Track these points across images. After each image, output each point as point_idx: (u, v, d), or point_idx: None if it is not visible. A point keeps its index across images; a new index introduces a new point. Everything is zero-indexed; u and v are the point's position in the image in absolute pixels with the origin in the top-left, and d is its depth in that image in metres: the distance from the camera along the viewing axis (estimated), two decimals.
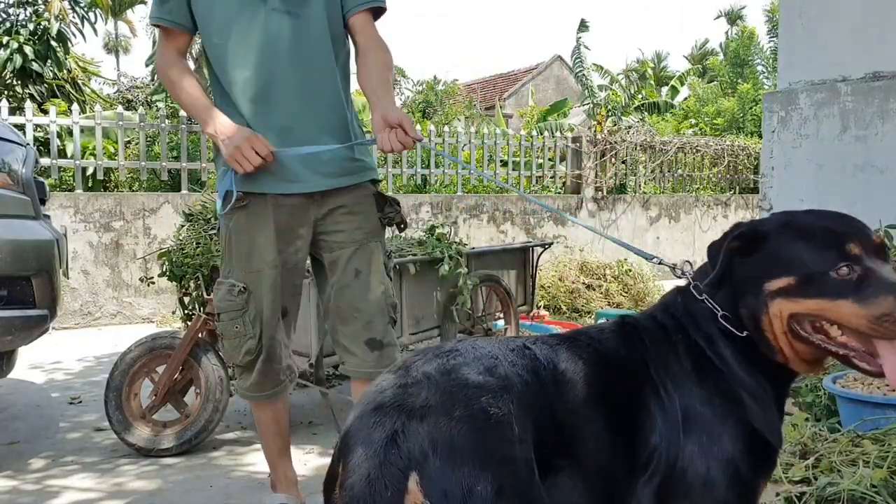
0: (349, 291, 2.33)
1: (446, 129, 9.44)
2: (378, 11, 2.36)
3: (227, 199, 2.26)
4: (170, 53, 2.33)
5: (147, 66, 16.52)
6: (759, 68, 21.90)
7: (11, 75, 10.37)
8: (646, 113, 18.26)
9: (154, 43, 15.49)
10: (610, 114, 16.43)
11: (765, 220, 1.46)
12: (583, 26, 18.07)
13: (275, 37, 2.22)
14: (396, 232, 2.69)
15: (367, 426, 1.17)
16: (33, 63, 10.29)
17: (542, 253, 5.11)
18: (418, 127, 9.00)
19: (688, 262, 1.80)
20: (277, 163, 2.23)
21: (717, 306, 1.45)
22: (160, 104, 11.29)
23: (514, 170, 9.48)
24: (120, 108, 7.72)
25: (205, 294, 3.50)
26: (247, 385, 2.39)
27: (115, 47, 37.74)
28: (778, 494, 2.15)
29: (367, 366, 2.34)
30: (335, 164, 2.32)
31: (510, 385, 1.25)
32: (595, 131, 10.38)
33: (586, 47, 18.76)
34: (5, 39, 10.28)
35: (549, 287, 7.00)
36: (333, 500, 1.20)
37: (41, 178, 3.41)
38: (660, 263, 1.82)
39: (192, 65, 12.06)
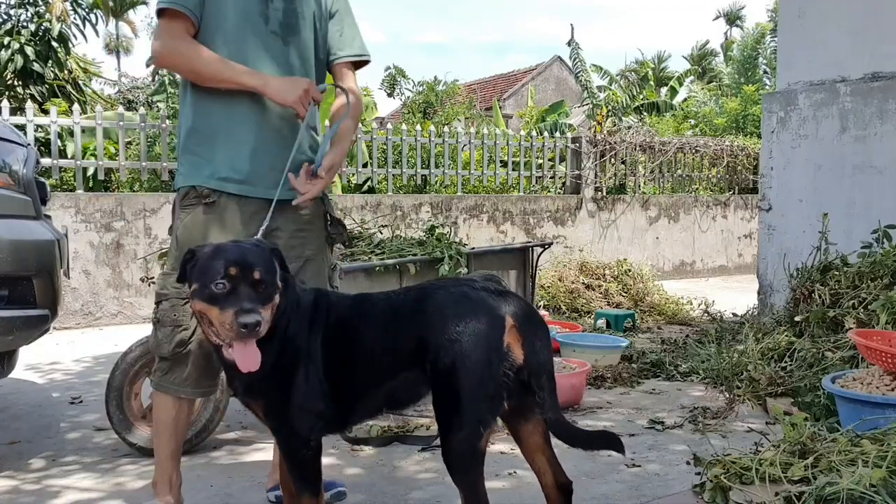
0: None
1: (446, 129, 9.45)
2: (361, 63, 2.63)
3: (189, 194, 2.38)
4: (179, 33, 2.32)
5: (148, 66, 16.52)
6: (763, 69, 21.90)
7: (12, 76, 10.38)
8: (645, 113, 18.26)
9: None
10: (610, 114, 16.43)
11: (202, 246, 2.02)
12: (572, 40, 18.30)
13: (272, 55, 2.40)
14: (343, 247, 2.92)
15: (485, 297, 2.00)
16: (34, 64, 10.30)
17: (541, 253, 5.11)
18: (419, 128, 9.01)
19: None
20: (248, 167, 2.39)
21: None
22: (161, 104, 11.30)
23: (513, 170, 9.49)
24: (121, 109, 7.73)
25: None
26: (182, 378, 2.40)
27: (116, 48, 37.78)
28: (777, 494, 2.16)
29: None
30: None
31: None
32: (595, 132, 10.37)
33: (580, 48, 18.83)
34: (6, 40, 10.29)
35: (548, 287, 7.01)
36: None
37: (42, 179, 3.41)
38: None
39: None
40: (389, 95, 21.43)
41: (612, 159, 9.98)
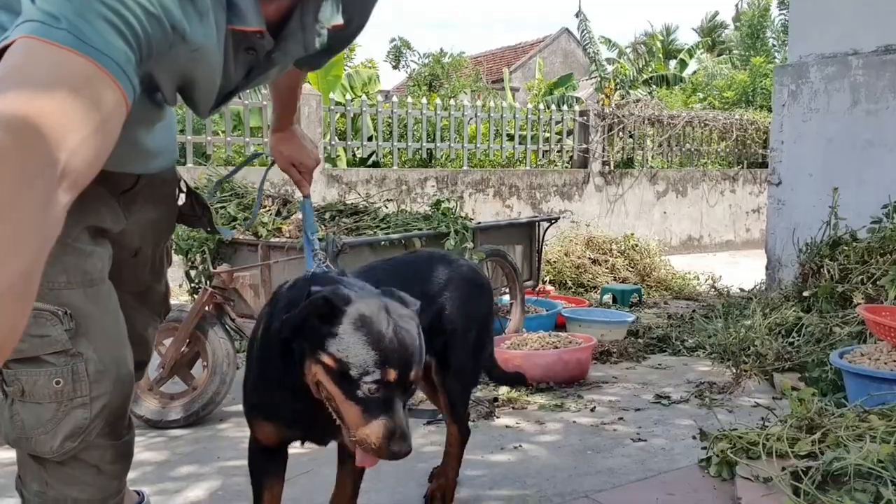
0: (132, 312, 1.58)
1: (452, 102, 9.38)
2: None
3: None
4: None
5: None
6: (771, 42, 21.68)
7: None
8: (654, 86, 18.09)
9: None
10: (618, 87, 16.29)
11: (346, 296, 1.52)
12: (580, 12, 18.17)
13: None
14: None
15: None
16: None
17: (548, 228, 5.09)
18: (424, 101, 8.95)
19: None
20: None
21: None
22: None
23: (520, 144, 9.43)
24: None
25: (211, 267, 3.50)
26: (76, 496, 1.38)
27: None
28: (784, 469, 2.16)
29: None
30: (165, 133, 1.56)
31: None
32: (603, 105, 10.28)
33: (588, 20, 18.67)
34: None
35: (554, 262, 6.99)
36: None
37: None
38: None
39: None
40: (395, 68, 21.29)
41: (620, 133, 9.90)
